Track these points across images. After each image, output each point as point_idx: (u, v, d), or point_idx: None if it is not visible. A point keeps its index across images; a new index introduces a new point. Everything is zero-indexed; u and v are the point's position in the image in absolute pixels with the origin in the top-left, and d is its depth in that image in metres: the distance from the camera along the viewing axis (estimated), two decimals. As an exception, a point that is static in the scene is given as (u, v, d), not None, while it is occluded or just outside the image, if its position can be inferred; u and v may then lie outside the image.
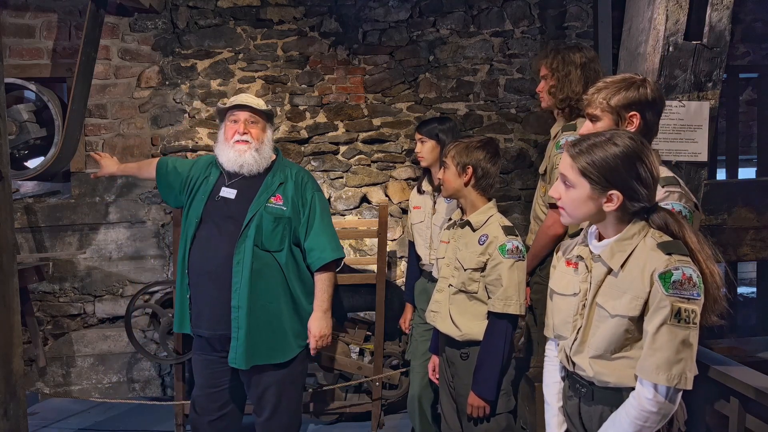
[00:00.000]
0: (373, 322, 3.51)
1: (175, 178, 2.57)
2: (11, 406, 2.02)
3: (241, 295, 2.26)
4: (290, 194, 2.39)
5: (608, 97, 1.78)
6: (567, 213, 1.53)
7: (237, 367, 2.30)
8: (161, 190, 2.65)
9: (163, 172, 2.60)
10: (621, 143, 1.43)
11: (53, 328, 3.88)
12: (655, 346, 1.38)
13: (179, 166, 2.60)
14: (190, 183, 2.50)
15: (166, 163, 2.62)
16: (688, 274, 1.36)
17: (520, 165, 4.06)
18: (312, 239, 2.41)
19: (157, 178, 2.63)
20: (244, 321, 2.26)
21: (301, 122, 3.98)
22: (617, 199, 1.43)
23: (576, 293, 1.56)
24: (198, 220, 2.36)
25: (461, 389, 2.19)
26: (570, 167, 1.48)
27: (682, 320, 1.36)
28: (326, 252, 2.41)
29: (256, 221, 2.30)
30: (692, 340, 1.37)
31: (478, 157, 2.17)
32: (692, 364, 1.38)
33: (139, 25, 3.88)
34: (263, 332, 2.30)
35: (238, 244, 2.28)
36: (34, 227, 3.84)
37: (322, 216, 2.45)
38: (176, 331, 2.50)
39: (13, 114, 3.47)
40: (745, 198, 3.01)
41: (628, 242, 1.46)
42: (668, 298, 1.36)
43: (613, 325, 1.45)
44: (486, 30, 4.02)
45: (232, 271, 2.27)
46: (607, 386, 1.48)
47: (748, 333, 4.32)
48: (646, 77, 1.84)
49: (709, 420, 2.65)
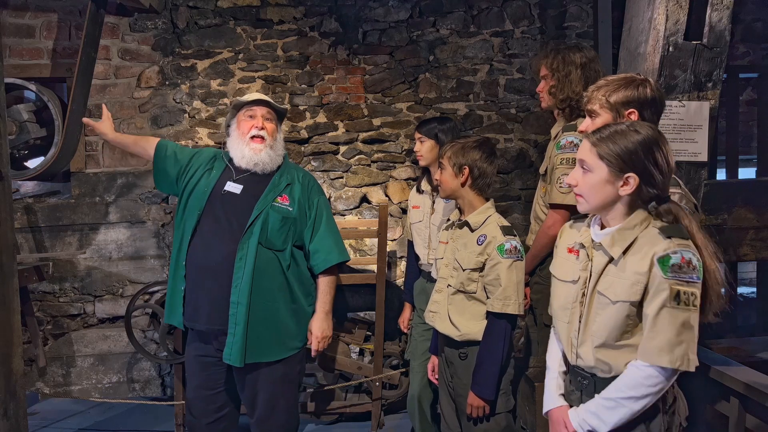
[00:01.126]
0: (373, 322, 3.51)
1: (173, 164, 2.50)
2: (11, 406, 2.02)
3: (241, 291, 2.25)
4: (297, 196, 2.40)
5: (608, 93, 1.82)
6: (584, 199, 1.55)
7: (231, 363, 2.27)
8: (156, 174, 2.55)
9: (162, 155, 2.51)
10: (641, 130, 1.47)
11: (53, 328, 3.88)
12: (656, 329, 1.39)
13: (179, 153, 2.52)
14: (189, 173, 2.46)
15: (166, 147, 2.53)
16: (687, 257, 1.38)
17: (520, 165, 4.06)
18: (317, 241, 2.42)
19: (154, 160, 2.52)
20: (243, 317, 2.24)
21: (301, 122, 3.98)
22: (634, 182, 1.45)
23: (575, 280, 1.57)
24: (200, 213, 2.33)
25: (460, 389, 2.19)
26: (589, 151, 1.51)
27: (681, 302, 1.37)
28: (332, 254, 2.42)
29: (263, 219, 2.30)
30: (693, 322, 1.39)
31: (474, 158, 2.17)
32: (694, 346, 1.39)
33: (139, 25, 3.88)
34: (260, 330, 2.28)
35: (242, 241, 2.27)
36: (34, 227, 3.84)
37: (328, 219, 2.47)
38: (166, 321, 2.47)
39: (13, 114, 3.47)
40: (745, 198, 3.01)
41: (630, 232, 1.47)
42: (667, 281, 1.38)
43: (615, 311, 1.46)
44: (486, 30, 4.02)
45: (234, 266, 2.26)
46: (610, 376, 1.49)
47: (748, 333, 4.32)
48: (647, 78, 1.85)
49: (708, 419, 2.65)
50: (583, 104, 1.90)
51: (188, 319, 2.36)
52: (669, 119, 2.58)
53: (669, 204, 1.48)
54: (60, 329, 3.87)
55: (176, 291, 2.38)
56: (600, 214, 1.56)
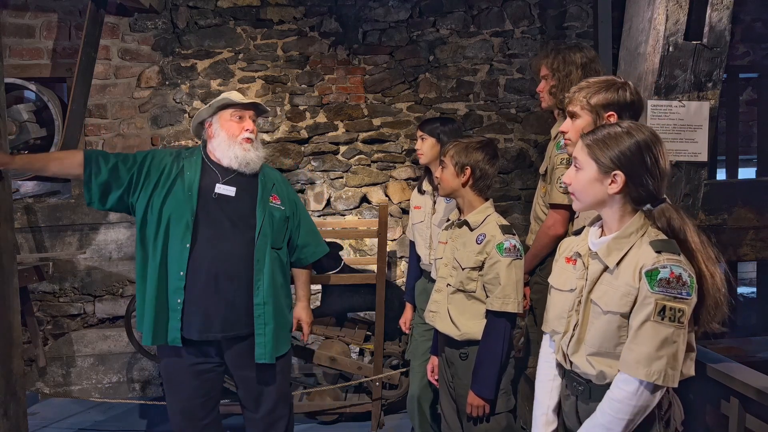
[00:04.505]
0: (373, 322, 3.51)
1: (118, 176, 2.23)
2: (11, 406, 2.02)
3: (265, 292, 2.30)
4: (283, 194, 2.46)
5: (589, 95, 1.85)
6: (576, 197, 1.55)
7: (266, 362, 2.31)
8: (91, 189, 2.22)
9: (97, 168, 2.21)
10: (634, 133, 1.47)
11: (53, 328, 3.88)
12: (636, 341, 1.39)
13: (121, 163, 2.25)
14: (150, 180, 2.26)
15: (98, 157, 2.23)
16: (677, 272, 1.36)
17: (520, 165, 4.06)
18: (305, 236, 2.54)
19: (87, 175, 2.20)
20: (271, 317, 2.31)
21: (301, 122, 3.98)
22: (620, 181, 1.45)
23: (572, 289, 1.57)
24: (192, 219, 2.23)
25: (461, 389, 2.19)
26: (581, 149, 1.52)
27: (666, 318, 1.36)
28: (320, 247, 2.59)
29: (268, 220, 2.34)
30: (676, 338, 1.36)
31: (477, 158, 2.17)
32: (675, 363, 1.37)
33: (139, 25, 3.88)
34: (278, 326, 2.36)
35: (258, 244, 2.29)
36: (34, 227, 3.84)
37: (305, 214, 2.60)
38: (152, 344, 2.24)
39: (13, 114, 3.47)
40: (745, 198, 3.01)
41: (626, 240, 1.46)
42: (653, 295, 1.37)
43: (606, 322, 1.45)
44: (486, 30, 4.02)
45: (254, 269, 2.28)
46: (605, 383, 1.49)
47: (748, 333, 4.31)
48: (627, 81, 1.89)
49: (709, 420, 2.65)
50: (565, 105, 1.93)
51: (196, 331, 2.22)
52: (669, 119, 2.58)
53: (663, 206, 1.47)
54: (60, 329, 3.87)
55: (167, 307, 2.23)
56: (602, 216, 1.56)
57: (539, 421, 1.67)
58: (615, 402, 1.41)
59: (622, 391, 1.41)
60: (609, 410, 1.42)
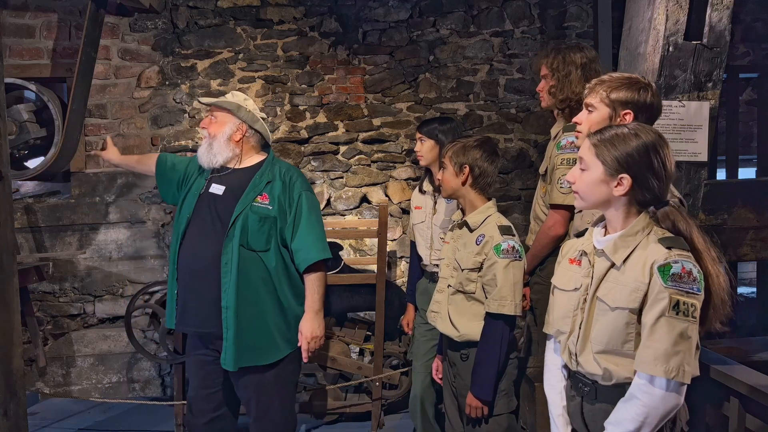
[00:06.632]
0: (373, 322, 3.51)
1: (174, 174, 2.57)
2: (11, 406, 2.02)
3: (229, 295, 2.24)
4: (277, 193, 2.33)
5: (609, 90, 1.82)
6: (580, 196, 1.55)
7: (226, 368, 2.28)
8: (160, 187, 2.63)
9: (163, 169, 2.59)
10: (642, 135, 1.47)
11: (53, 328, 3.88)
12: (653, 338, 1.38)
13: (177, 163, 2.59)
14: (186, 180, 2.51)
15: (166, 159, 2.61)
16: (688, 268, 1.37)
17: (520, 165, 4.06)
18: (298, 240, 2.34)
19: (156, 174, 2.61)
20: (233, 321, 2.24)
21: (301, 122, 3.98)
22: (627, 183, 1.45)
23: (577, 288, 1.57)
24: (189, 216, 2.35)
25: (463, 390, 2.19)
26: (588, 150, 1.52)
27: (680, 312, 1.36)
28: (312, 252, 2.32)
29: (242, 220, 2.27)
30: (691, 333, 1.37)
31: (475, 156, 2.17)
32: (691, 358, 1.37)
33: (139, 25, 3.88)
34: (250, 333, 2.27)
35: (225, 244, 2.26)
36: (34, 227, 3.84)
37: (309, 216, 2.36)
38: (168, 326, 2.49)
39: (13, 114, 3.47)
40: (745, 198, 3.01)
41: (632, 238, 1.47)
42: (667, 290, 1.37)
43: (614, 318, 1.45)
44: (486, 30, 4.02)
45: (221, 270, 2.25)
46: (612, 384, 1.48)
47: (748, 333, 4.31)
48: (651, 83, 1.85)
49: (709, 420, 2.65)
50: (584, 96, 1.90)
51: (178, 322, 2.38)
52: (669, 119, 2.58)
53: (667, 208, 1.47)
54: (60, 329, 3.87)
55: (171, 294, 2.41)
56: (605, 216, 1.56)
57: (558, 421, 1.66)
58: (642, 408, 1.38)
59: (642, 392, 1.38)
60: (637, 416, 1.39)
